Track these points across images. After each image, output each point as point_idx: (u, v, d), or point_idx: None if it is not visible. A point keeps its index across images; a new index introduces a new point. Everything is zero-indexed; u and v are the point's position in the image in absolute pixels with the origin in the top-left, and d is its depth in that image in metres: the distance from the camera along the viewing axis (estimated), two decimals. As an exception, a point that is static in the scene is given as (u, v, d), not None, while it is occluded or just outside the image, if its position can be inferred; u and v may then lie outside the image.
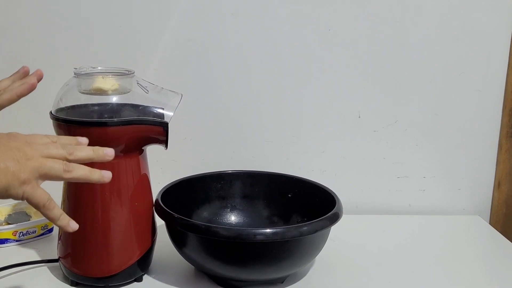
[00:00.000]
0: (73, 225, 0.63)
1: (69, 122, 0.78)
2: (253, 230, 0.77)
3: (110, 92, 0.81)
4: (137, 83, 0.83)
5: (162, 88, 0.84)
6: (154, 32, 1.06)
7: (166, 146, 0.82)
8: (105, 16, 1.05)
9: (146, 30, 1.06)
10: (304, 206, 0.94)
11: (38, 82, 0.77)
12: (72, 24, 1.06)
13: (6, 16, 1.04)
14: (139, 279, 0.85)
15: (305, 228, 0.78)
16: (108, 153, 0.66)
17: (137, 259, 0.83)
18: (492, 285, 0.89)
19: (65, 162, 0.62)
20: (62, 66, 1.03)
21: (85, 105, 0.83)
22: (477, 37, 1.08)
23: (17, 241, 0.96)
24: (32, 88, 0.76)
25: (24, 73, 0.79)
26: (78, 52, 1.06)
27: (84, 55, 1.05)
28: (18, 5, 1.04)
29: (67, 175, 0.62)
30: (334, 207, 0.84)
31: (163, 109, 0.81)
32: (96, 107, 0.82)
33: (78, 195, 0.80)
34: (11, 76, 0.79)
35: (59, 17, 1.05)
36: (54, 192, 0.89)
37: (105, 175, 0.64)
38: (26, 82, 0.76)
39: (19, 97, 0.75)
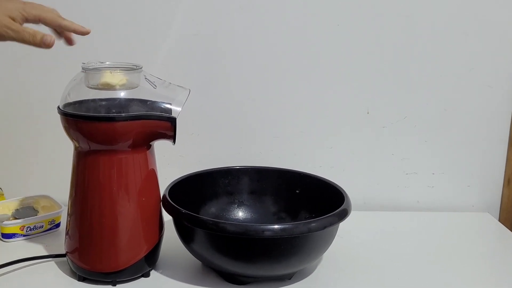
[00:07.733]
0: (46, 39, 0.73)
1: (76, 117, 0.78)
2: (261, 226, 0.76)
3: (118, 87, 0.81)
4: (145, 78, 0.83)
5: (170, 83, 0.84)
6: (161, 27, 1.06)
7: (174, 142, 0.82)
8: (113, 11, 1.05)
9: (154, 25, 1.06)
10: (312, 202, 0.94)
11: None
12: (80, 19, 1.05)
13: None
14: (147, 275, 0.85)
15: (314, 224, 0.77)
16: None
17: (144, 255, 0.82)
18: (501, 283, 0.88)
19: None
20: (70, 61, 1.03)
21: (93, 100, 0.82)
22: (488, 33, 1.07)
23: (24, 236, 0.96)
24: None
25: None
26: (86, 47, 1.05)
27: (92, 50, 1.05)
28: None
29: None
30: (342, 203, 0.83)
31: (171, 104, 0.81)
32: (104, 102, 0.82)
33: (85, 191, 0.80)
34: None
35: (67, 12, 1.05)
36: (62, 189, 0.90)
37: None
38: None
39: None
